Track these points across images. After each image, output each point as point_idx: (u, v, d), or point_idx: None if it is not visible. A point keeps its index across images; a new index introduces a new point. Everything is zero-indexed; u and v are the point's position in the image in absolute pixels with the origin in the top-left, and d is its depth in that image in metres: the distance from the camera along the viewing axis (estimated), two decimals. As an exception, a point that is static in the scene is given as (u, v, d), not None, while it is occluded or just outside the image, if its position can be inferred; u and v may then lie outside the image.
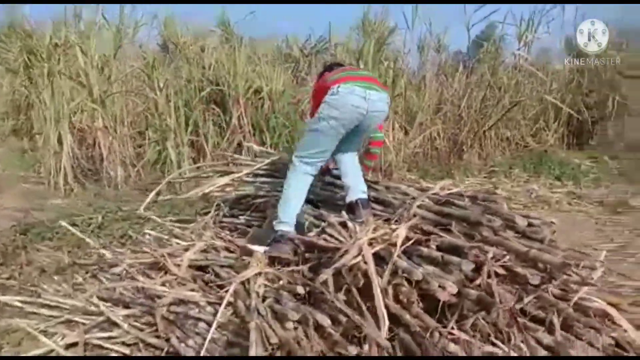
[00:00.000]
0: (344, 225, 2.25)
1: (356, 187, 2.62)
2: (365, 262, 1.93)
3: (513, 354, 1.83)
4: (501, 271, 1.72)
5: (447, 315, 1.81)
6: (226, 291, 2.28)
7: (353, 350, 1.73)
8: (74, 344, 2.61)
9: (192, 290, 2.52)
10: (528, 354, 1.85)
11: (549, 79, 9.06)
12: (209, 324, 2.26)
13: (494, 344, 1.81)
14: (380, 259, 1.93)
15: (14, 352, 2.63)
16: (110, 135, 5.69)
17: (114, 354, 2.59)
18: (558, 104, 8.27)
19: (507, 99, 8.11)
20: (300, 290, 1.91)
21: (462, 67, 8.52)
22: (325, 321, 1.78)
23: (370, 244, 1.97)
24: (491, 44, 9.24)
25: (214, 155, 6.11)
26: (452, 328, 1.75)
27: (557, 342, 1.84)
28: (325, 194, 2.74)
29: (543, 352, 1.82)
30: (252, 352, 1.75)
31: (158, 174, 5.96)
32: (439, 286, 1.66)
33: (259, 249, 2.60)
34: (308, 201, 2.70)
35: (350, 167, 2.77)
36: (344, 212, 2.43)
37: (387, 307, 1.73)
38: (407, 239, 1.91)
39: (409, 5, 7.85)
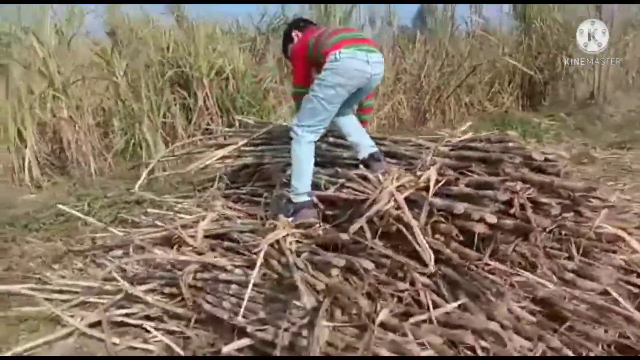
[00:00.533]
0: (364, 178, 2.31)
1: (364, 143, 2.67)
2: (397, 208, 2.01)
3: (542, 280, 1.96)
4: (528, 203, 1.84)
5: (480, 248, 1.92)
6: (255, 253, 2.31)
7: (402, 286, 1.81)
8: (97, 324, 2.60)
9: (215, 257, 2.53)
10: (555, 280, 1.99)
11: (501, 44, 9.37)
12: (242, 285, 2.29)
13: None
14: (411, 203, 2.01)
15: (32, 338, 2.58)
16: (76, 125, 5.49)
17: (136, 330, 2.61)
18: (517, 65, 8.52)
19: (466, 65, 8.35)
20: (344, 236, 1.96)
21: (420, 35, 8.69)
22: (370, 265, 1.85)
23: (398, 191, 2.04)
24: (443, 12, 9.46)
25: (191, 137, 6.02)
26: (488, 259, 1.86)
27: (580, 265, 1.99)
28: (332, 154, 2.78)
29: (569, 276, 1.96)
30: (305, 301, 1.79)
31: (131, 163, 5.83)
32: (479, 219, 1.76)
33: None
34: (315, 164, 2.73)
35: (352, 126, 2.81)
36: (362, 167, 2.48)
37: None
38: (437, 181, 2.00)
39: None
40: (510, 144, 2.11)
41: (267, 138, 3.23)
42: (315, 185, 2.57)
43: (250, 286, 2.10)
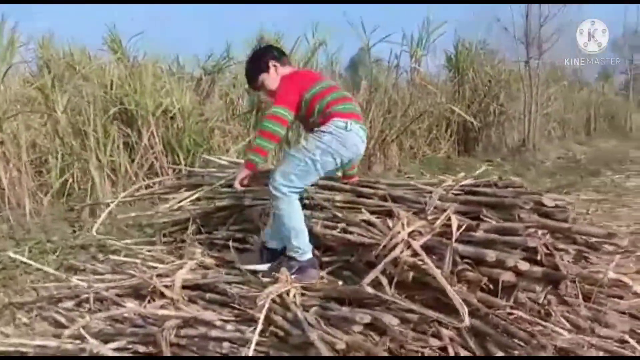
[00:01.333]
0: (368, 223, 2.21)
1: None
2: (414, 255, 1.92)
3: (557, 328, 1.92)
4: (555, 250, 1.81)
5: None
6: (249, 308, 2.12)
7: (433, 342, 1.70)
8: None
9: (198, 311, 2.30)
10: (569, 327, 1.96)
11: (440, 92, 9.81)
12: (236, 343, 2.08)
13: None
14: (426, 250, 1.92)
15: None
16: (10, 162, 5.01)
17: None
18: (459, 112, 8.87)
19: (410, 112, 8.63)
20: (369, 290, 1.82)
21: (366, 83, 8.89)
22: (395, 320, 1.73)
23: (411, 237, 1.96)
24: (390, 62, 9.79)
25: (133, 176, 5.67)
26: (511, 308, 1.81)
27: (592, 312, 1.98)
28: (322, 196, 2.66)
29: (585, 323, 1.94)
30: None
31: (72, 203, 5.38)
32: (509, 267, 1.70)
33: (262, 267, 2.47)
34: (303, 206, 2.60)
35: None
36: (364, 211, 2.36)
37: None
38: (459, 226, 1.93)
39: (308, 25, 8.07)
40: (519, 190, 2.11)
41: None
42: (309, 230, 2.42)
43: (253, 344, 1.90)
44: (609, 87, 13.39)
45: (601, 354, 1.87)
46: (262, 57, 2.81)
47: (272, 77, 2.73)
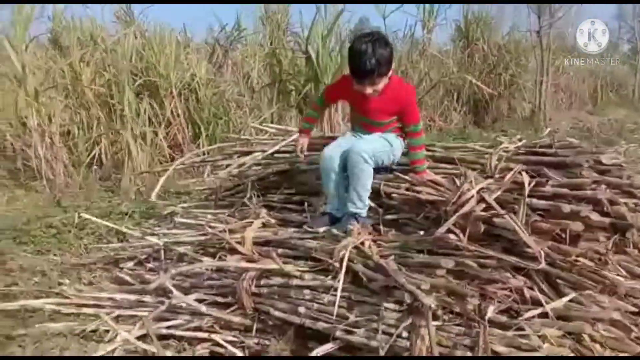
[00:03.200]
0: (434, 182, 2.36)
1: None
2: (486, 209, 2.08)
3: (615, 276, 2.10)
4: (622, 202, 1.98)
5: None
6: (325, 259, 2.29)
7: (514, 282, 1.87)
8: (143, 336, 2.43)
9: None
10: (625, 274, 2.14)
11: (452, 63, 9.87)
12: (317, 290, 2.25)
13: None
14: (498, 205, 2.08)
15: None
16: (45, 135, 5.12)
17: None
18: (474, 82, 8.89)
19: (424, 83, 8.72)
20: (451, 236, 1.98)
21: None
22: (473, 264, 1.90)
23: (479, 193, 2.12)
24: (406, 33, 9.82)
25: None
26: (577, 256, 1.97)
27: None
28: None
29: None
30: (426, 301, 1.79)
31: (104, 173, 5.53)
32: (582, 217, 1.86)
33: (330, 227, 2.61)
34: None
35: None
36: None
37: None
38: (529, 182, 2.09)
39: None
40: (579, 149, 2.26)
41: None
42: (374, 190, 2.57)
43: (339, 288, 2.07)
44: (616, 57, 13.45)
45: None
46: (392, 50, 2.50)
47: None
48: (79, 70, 5.87)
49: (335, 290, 2.13)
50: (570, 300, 1.84)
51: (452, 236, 1.98)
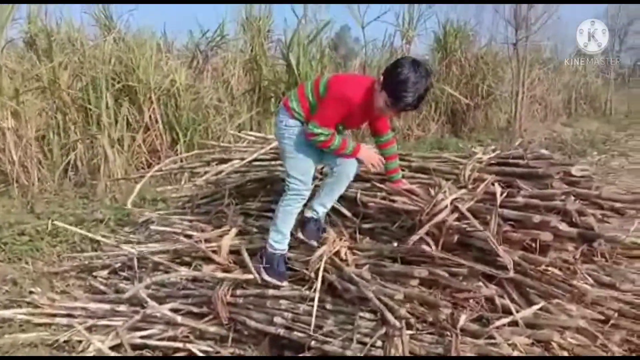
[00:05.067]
0: (408, 191, 2.38)
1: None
2: (458, 219, 2.11)
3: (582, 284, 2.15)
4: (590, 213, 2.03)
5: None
6: (302, 269, 2.31)
7: (485, 291, 1.91)
8: (117, 345, 2.41)
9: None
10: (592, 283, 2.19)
11: (430, 73, 9.97)
12: (291, 300, 2.26)
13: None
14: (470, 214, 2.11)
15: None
16: (23, 137, 5.04)
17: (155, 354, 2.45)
18: (452, 93, 9.04)
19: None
20: (424, 246, 2.01)
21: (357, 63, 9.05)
22: (445, 274, 1.93)
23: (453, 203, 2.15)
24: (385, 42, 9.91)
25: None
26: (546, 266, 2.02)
27: (611, 270, 2.21)
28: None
29: (606, 279, 2.17)
30: (390, 318, 1.82)
31: (79, 178, 5.45)
32: (550, 227, 1.91)
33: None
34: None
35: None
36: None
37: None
38: (501, 192, 2.13)
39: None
40: (550, 160, 2.31)
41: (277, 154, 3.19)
42: (351, 199, 2.59)
43: (316, 299, 2.08)
44: (589, 69, 13.75)
45: (626, 306, 2.11)
46: None
47: None
48: (57, 74, 5.79)
49: (312, 300, 2.15)
50: (540, 309, 1.88)
51: (424, 246, 2.00)
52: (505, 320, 1.85)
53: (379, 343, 1.95)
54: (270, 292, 2.30)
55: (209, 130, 7.09)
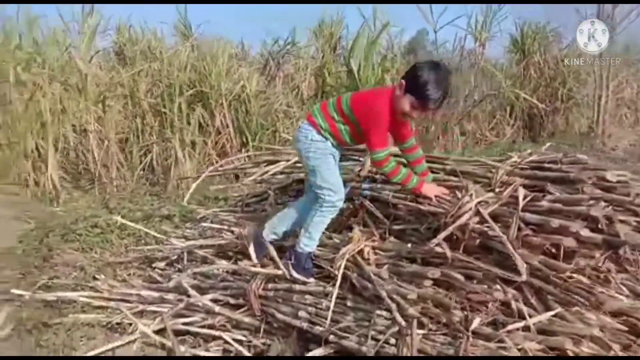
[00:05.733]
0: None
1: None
2: (480, 222, 2.10)
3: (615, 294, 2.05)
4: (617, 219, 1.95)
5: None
6: (329, 266, 2.39)
7: (498, 295, 1.90)
8: (162, 330, 2.61)
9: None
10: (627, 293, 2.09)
11: (503, 76, 9.67)
12: (317, 296, 2.35)
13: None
14: (493, 218, 2.10)
15: (96, 345, 2.59)
16: (105, 140, 5.54)
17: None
18: (525, 97, 8.74)
19: (474, 95, 8.61)
20: (438, 248, 2.04)
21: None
22: (460, 276, 1.94)
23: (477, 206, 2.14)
24: (456, 45, 9.74)
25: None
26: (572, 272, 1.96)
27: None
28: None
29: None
30: (399, 319, 1.86)
31: (153, 178, 5.89)
32: (572, 233, 1.86)
33: None
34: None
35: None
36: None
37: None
38: (525, 196, 2.10)
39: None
40: (585, 165, 2.23)
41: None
42: (383, 201, 2.65)
43: (334, 296, 2.16)
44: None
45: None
46: None
47: None
48: (137, 81, 6.29)
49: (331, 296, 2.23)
50: (556, 316, 1.84)
51: (438, 248, 2.02)
52: (517, 325, 1.82)
53: (393, 341, 1.99)
54: (298, 287, 2.41)
55: (276, 134, 7.36)
